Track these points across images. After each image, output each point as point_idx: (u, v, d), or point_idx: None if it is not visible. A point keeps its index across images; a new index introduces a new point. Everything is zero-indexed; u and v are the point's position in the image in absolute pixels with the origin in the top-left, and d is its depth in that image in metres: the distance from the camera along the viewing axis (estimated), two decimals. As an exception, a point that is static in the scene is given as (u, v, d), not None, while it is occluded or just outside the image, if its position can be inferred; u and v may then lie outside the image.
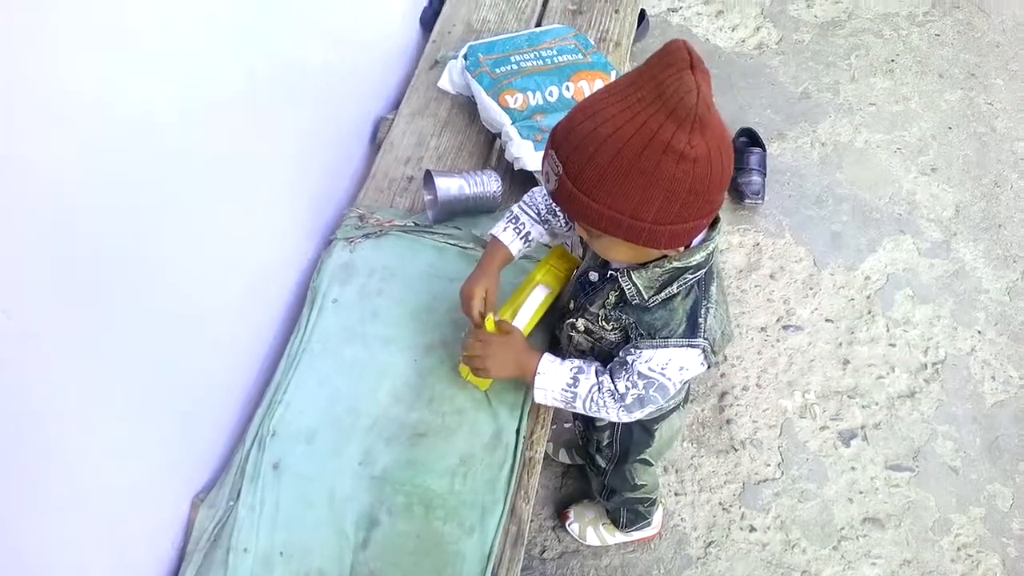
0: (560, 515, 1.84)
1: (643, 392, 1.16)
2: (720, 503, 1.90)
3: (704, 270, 1.11)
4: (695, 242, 1.09)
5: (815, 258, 2.32)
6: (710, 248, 1.09)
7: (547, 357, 1.23)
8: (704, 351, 1.12)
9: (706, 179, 0.94)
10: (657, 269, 1.09)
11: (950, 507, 1.91)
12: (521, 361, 1.24)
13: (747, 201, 2.37)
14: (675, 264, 1.08)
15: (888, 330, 2.18)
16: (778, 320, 2.20)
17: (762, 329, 2.18)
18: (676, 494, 1.91)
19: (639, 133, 0.90)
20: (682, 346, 1.12)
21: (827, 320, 2.20)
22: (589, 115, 0.94)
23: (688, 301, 1.12)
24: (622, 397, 1.17)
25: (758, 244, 2.34)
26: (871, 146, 2.58)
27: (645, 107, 0.90)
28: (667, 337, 1.12)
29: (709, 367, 1.18)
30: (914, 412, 2.05)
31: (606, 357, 1.24)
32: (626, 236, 1.00)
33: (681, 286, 1.10)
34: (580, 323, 1.25)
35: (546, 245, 1.42)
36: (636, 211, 0.96)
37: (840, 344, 2.16)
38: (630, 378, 1.16)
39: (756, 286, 2.26)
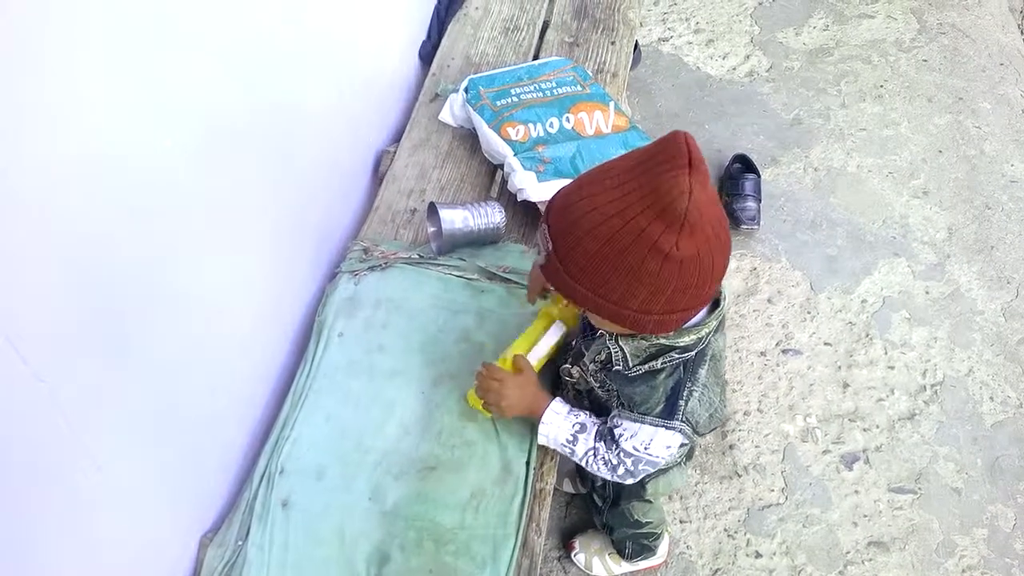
0: (566, 545, 1.84)
1: (632, 468, 1.18)
2: (725, 530, 1.90)
3: (693, 352, 1.09)
4: (691, 322, 1.07)
5: (812, 282, 2.34)
6: (702, 332, 1.07)
7: (554, 406, 1.24)
8: (682, 432, 1.11)
9: (693, 278, 0.94)
10: (644, 341, 1.08)
11: (954, 529, 1.92)
12: (532, 404, 1.26)
13: (743, 226, 2.40)
14: (662, 341, 1.07)
15: (886, 353, 2.20)
16: (777, 344, 2.21)
17: (762, 354, 2.19)
18: (681, 522, 1.91)
19: (627, 228, 0.90)
20: (658, 425, 1.11)
21: (826, 344, 2.22)
22: (584, 196, 0.94)
23: (671, 380, 1.10)
24: (614, 468, 1.20)
25: (755, 269, 2.36)
26: (863, 170, 2.62)
27: (636, 202, 0.89)
28: (644, 413, 1.11)
29: (693, 445, 1.20)
30: (915, 434, 2.06)
31: (599, 405, 1.25)
32: (611, 319, 1.00)
33: (666, 363, 1.09)
34: (575, 371, 1.26)
35: None
36: (621, 300, 0.96)
37: (839, 367, 2.17)
38: (618, 454, 1.18)
39: (754, 310, 2.28)
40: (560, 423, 1.23)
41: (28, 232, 0.83)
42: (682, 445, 1.20)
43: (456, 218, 1.54)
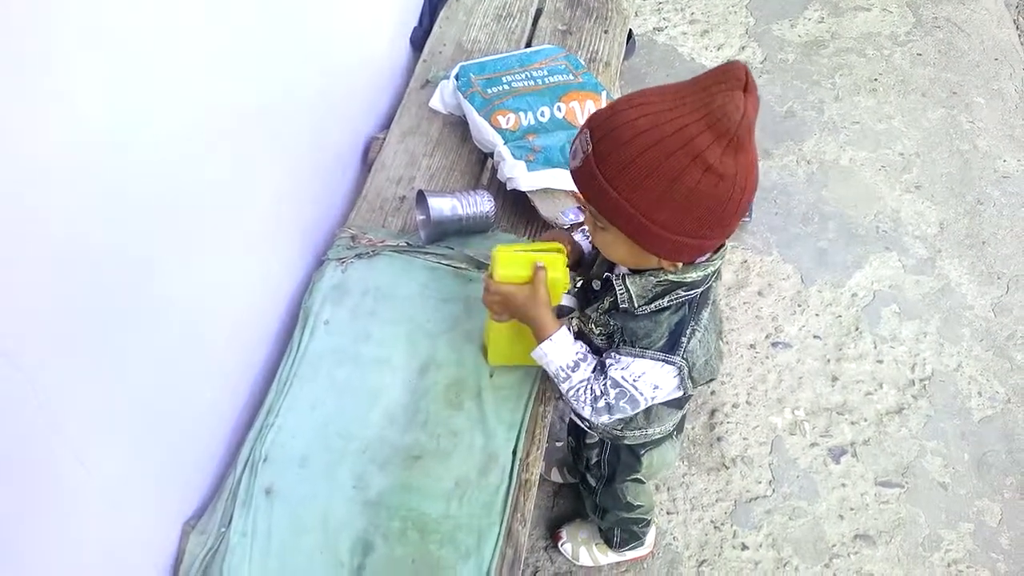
0: (553, 535, 1.83)
1: (613, 401, 1.17)
2: (712, 521, 1.90)
3: (699, 290, 1.11)
4: (696, 261, 1.09)
5: (802, 275, 2.34)
6: (709, 270, 1.08)
7: (565, 330, 1.20)
8: (680, 371, 1.12)
9: (725, 199, 0.95)
10: (652, 278, 1.09)
11: (940, 523, 1.92)
12: (540, 315, 1.19)
13: (735, 219, 2.39)
14: (670, 277, 1.08)
15: (875, 347, 2.20)
16: (767, 337, 2.21)
17: (751, 346, 2.19)
18: (668, 513, 1.91)
19: (676, 135, 0.91)
20: (658, 360, 1.12)
21: (815, 337, 2.21)
22: (634, 104, 0.95)
23: (675, 317, 1.12)
24: (596, 399, 1.18)
25: (746, 261, 2.36)
26: (856, 164, 2.61)
27: (689, 112, 0.91)
28: (646, 347, 1.12)
29: (685, 393, 1.18)
30: (902, 428, 2.06)
31: (598, 353, 1.23)
32: (632, 234, 1.01)
33: (672, 301, 1.10)
34: (574, 323, 1.26)
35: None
36: (649, 210, 0.97)
37: (828, 361, 2.17)
38: (604, 383, 1.16)
39: (745, 303, 2.27)
40: (568, 347, 1.19)
41: (9, 223, 0.82)
42: (670, 402, 1.21)
43: (445, 206, 1.53)
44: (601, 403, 1.18)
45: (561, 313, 1.30)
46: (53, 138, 0.86)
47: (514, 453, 1.33)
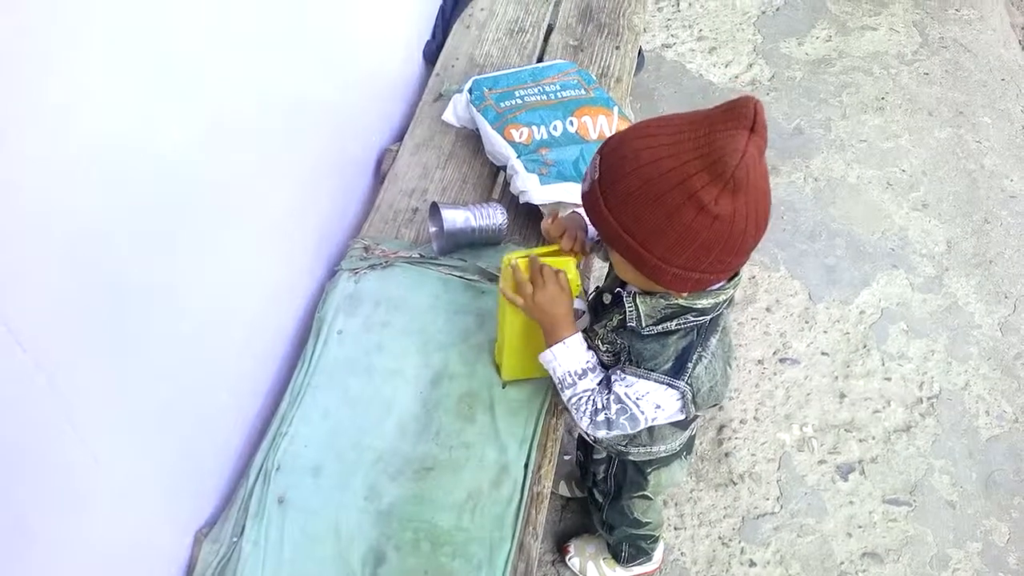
0: (560, 549, 1.83)
1: (613, 416, 1.17)
2: (720, 537, 1.90)
3: (708, 317, 1.10)
4: (712, 287, 1.08)
5: (810, 292, 2.34)
6: (720, 298, 1.08)
7: (579, 336, 1.20)
8: (683, 396, 1.12)
9: (722, 240, 0.95)
10: (662, 300, 1.09)
11: (947, 542, 1.92)
12: (560, 316, 1.18)
13: (743, 234, 2.39)
14: (679, 301, 1.08)
15: (883, 364, 2.20)
16: (775, 353, 2.21)
17: (759, 362, 2.19)
18: (676, 528, 1.90)
19: (674, 171, 0.91)
20: (662, 383, 1.11)
21: (823, 353, 2.22)
22: (642, 135, 0.96)
23: (683, 342, 1.11)
24: (596, 412, 1.18)
25: (754, 277, 2.36)
26: (863, 182, 2.62)
27: (689, 150, 0.91)
28: (651, 369, 1.12)
29: (687, 417, 1.18)
30: (910, 446, 2.06)
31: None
32: (632, 262, 1.01)
33: (681, 325, 1.10)
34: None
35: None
36: (646, 242, 0.97)
37: (836, 378, 2.17)
38: (606, 398, 1.16)
39: (752, 319, 2.27)
40: (580, 353, 1.19)
41: (30, 223, 0.82)
42: (674, 422, 1.20)
43: (458, 218, 1.54)
44: (601, 417, 1.18)
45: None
46: (69, 135, 0.86)
47: (526, 466, 1.33)
